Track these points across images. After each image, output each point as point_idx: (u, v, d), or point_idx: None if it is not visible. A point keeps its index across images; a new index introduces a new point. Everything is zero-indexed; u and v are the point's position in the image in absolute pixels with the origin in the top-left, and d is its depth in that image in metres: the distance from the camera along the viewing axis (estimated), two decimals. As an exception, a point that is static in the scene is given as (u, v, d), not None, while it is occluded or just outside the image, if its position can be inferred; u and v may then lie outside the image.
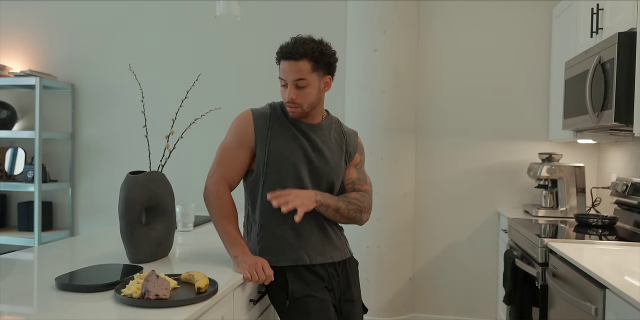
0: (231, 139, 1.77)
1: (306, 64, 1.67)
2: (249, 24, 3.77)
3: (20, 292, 1.35)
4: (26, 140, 4.05)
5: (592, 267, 1.69)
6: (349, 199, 1.80)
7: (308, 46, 1.66)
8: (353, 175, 1.87)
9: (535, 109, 3.50)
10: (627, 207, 2.70)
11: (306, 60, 1.66)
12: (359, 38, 3.46)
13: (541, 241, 2.23)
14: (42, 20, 4.07)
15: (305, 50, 1.65)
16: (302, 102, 1.70)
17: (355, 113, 3.48)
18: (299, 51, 1.65)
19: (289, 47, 1.67)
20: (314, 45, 1.67)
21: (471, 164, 3.58)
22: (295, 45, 1.66)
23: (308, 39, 1.70)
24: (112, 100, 3.99)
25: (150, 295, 1.26)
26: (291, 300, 1.70)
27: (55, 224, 4.11)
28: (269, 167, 1.73)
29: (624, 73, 2.08)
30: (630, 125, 2.08)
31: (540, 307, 2.26)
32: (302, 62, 1.66)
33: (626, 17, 2.15)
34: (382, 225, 3.41)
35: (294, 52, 1.65)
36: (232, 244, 1.68)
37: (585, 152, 3.44)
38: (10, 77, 3.83)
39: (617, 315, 1.50)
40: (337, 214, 1.78)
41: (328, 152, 1.79)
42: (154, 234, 1.72)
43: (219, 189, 1.73)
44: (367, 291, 3.30)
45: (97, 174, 4.03)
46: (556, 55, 3.32)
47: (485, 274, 3.55)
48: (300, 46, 1.66)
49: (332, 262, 1.78)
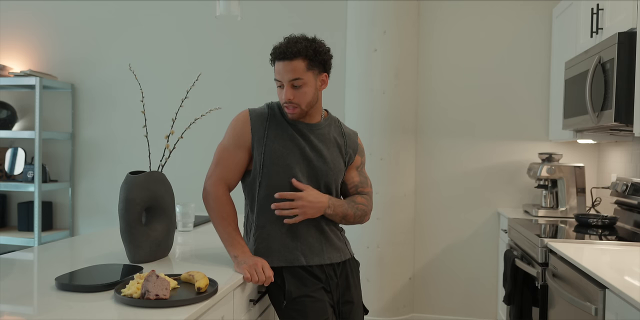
0: (228, 139, 1.76)
1: (300, 63, 1.65)
2: (249, 24, 3.77)
3: (20, 292, 1.35)
4: (26, 140, 4.05)
5: (592, 267, 1.70)
6: (356, 204, 1.81)
7: (301, 45, 1.65)
8: (355, 178, 1.87)
9: (535, 109, 3.50)
10: (627, 207, 2.70)
11: (300, 59, 1.65)
12: (359, 38, 3.46)
13: (541, 241, 2.24)
14: (42, 20, 4.07)
15: (298, 49, 1.64)
16: (300, 101, 1.69)
17: (355, 113, 3.48)
18: (292, 50, 1.64)
19: (282, 48, 1.65)
20: (307, 44, 1.66)
21: (471, 164, 3.58)
22: (288, 45, 1.65)
23: (301, 38, 1.68)
24: (112, 100, 3.99)
25: (150, 295, 1.26)
26: (288, 300, 1.70)
27: (55, 224, 4.11)
28: (265, 167, 1.72)
29: (624, 73, 2.08)
30: (630, 125, 2.09)
31: (540, 307, 2.26)
32: (296, 61, 1.65)
33: (626, 17, 2.15)
34: (382, 226, 3.41)
35: (288, 52, 1.64)
36: (233, 245, 1.68)
37: (585, 152, 3.44)
38: (10, 77, 3.83)
39: (617, 315, 1.50)
40: (344, 220, 1.79)
41: (326, 152, 1.78)
42: (154, 234, 1.72)
43: (217, 190, 1.73)
44: (367, 291, 3.30)
45: (97, 174, 4.03)
46: (556, 55, 3.32)
47: (485, 274, 3.55)
48: (293, 45, 1.64)
49: (330, 263, 1.77)
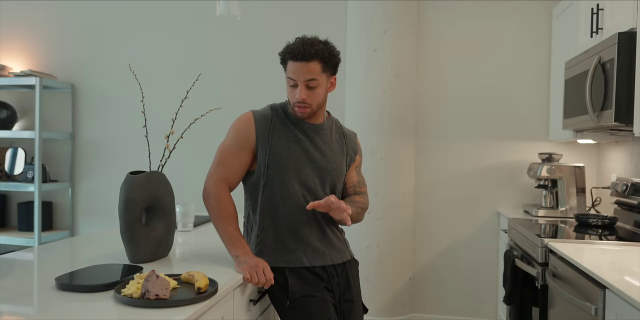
0: (231, 140, 1.77)
1: (317, 65, 1.69)
2: (249, 24, 3.77)
3: (20, 292, 1.35)
4: (26, 140, 4.05)
5: (592, 267, 1.70)
6: (355, 203, 1.83)
7: (318, 47, 1.69)
8: (354, 178, 1.90)
9: (535, 109, 3.50)
10: (627, 207, 2.70)
11: (317, 61, 1.69)
12: (359, 38, 3.46)
13: (541, 241, 2.24)
14: (42, 20, 4.07)
15: (316, 51, 1.68)
16: (312, 102, 1.73)
17: (355, 113, 3.48)
18: (310, 52, 1.67)
19: (299, 49, 1.68)
20: (323, 47, 1.70)
21: (471, 164, 3.58)
22: (305, 47, 1.68)
23: (316, 40, 1.72)
24: (112, 100, 3.99)
25: (150, 295, 1.26)
26: (291, 300, 1.70)
27: (55, 224, 4.11)
28: (269, 168, 1.74)
29: (624, 73, 2.08)
30: (630, 125, 2.09)
31: (540, 307, 2.26)
32: (312, 63, 1.68)
33: (626, 17, 2.15)
34: (382, 225, 3.41)
35: (306, 53, 1.67)
36: (234, 244, 1.68)
37: (585, 152, 3.44)
38: (10, 77, 3.83)
39: (617, 315, 1.50)
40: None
41: (330, 153, 1.81)
42: (154, 234, 1.72)
43: (218, 190, 1.73)
44: (367, 291, 3.30)
45: (97, 174, 4.03)
46: (556, 55, 3.31)
47: (485, 274, 3.55)
48: (310, 47, 1.68)
49: (332, 264, 1.79)
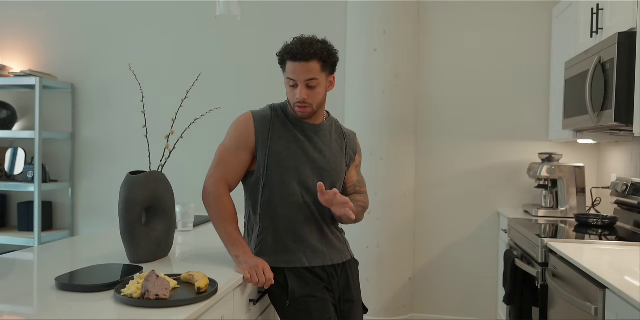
0: (231, 140, 1.77)
1: (316, 64, 1.69)
2: (249, 24, 3.77)
3: (20, 292, 1.35)
4: (26, 140, 4.05)
5: (592, 267, 1.70)
6: (356, 202, 1.82)
7: (317, 47, 1.69)
8: (354, 177, 1.90)
9: (535, 109, 3.50)
10: (627, 207, 2.70)
11: (316, 60, 1.69)
12: (359, 38, 3.46)
13: (541, 241, 2.23)
14: (42, 20, 4.07)
15: (315, 51, 1.68)
16: (313, 101, 1.72)
17: (355, 113, 3.48)
18: (309, 52, 1.67)
19: (298, 49, 1.68)
20: (322, 46, 1.70)
21: (471, 164, 3.58)
22: (304, 46, 1.68)
23: (314, 40, 1.71)
24: (112, 100, 3.99)
25: (150, 295, 1.26)
26: (291, 300, 1.70)
27: (55, 224, 4.11)
28: (269, 169, 1.74)
29: (624, 73, 2.08)
30: (630, 125, 2.09)
31: (540, 307, 2.26)
32: (312, 62, 1.68)
33: (626, 17, 2.15)
34: (382, 225, 3.41)
35: (305, 53, 1.67)
36: (234, 244, 1.68)
37: (585, 152, 3.44)
38: (10, 77, 3.83)
39: (617, 315, 1.50)
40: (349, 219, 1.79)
41: (329, 153, 1.81)
42: (154, 234, 1.72)
43: (218, 190, 1.73)
44: (367, 291, 3.30)
45: (97, 174, 4.03)
46: (556, 55, 3.31)
47: (485, 274, 3.55)
48: (309, 47, 1.68)
49: (331, 264, 1.79)
